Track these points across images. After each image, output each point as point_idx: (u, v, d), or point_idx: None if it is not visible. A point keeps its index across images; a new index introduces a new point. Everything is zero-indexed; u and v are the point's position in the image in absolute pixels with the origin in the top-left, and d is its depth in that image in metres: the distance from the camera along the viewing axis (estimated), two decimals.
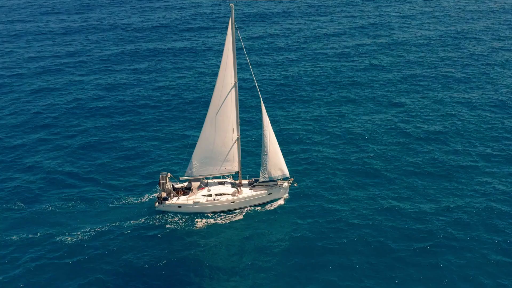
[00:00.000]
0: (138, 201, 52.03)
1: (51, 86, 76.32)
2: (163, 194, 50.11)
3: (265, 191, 51.71)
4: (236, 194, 50.92)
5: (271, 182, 51.89)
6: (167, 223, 49.53)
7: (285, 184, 52.30)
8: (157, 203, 50.24)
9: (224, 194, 51.00)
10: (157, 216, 50.24)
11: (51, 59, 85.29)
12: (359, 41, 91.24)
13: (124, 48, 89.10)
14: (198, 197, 50.67)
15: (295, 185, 52.93)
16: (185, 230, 48.91)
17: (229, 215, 50.59)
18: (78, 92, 74.01)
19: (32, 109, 70.13)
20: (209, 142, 49.69)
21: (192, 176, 51.37)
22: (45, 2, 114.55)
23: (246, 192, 51.49)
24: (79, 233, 48.11)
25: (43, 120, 67.50)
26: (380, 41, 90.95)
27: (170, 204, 50.07)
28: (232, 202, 50.82)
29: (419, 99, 71.68)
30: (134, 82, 77.40)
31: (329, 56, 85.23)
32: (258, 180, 52.17)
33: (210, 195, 50.84)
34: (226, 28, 46.35)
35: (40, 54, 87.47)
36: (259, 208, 51.70)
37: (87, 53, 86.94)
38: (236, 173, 52.57)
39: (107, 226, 48.90)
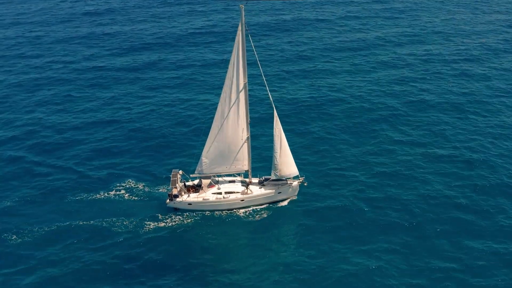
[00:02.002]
0: (148, 197, 53.19)
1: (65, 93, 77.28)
2: (174, 191, 51.08)
3: (275, 190, 52.23)
4: (246, 193, 51.57)
5: (281, 181, 52.40)
6: (176, 220, 50.40)
7: (295, 183, 52.73)
8: (168, 200, 51.27)
9: (233, 192, 51.70)
10: (167, 213, 51.16)
11: (60, 67, 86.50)
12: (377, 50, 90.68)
13: (134, 54, 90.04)
14: (208, 195, 51.47)
15: (305, 184, 53.27)
16: (193, 226, 49.65)
17: (238, 213, 51.24)
18: (91, 102, 74.78)
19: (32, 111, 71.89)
20: (218, 141, 50.37)
21: (202, 174, 52.20)
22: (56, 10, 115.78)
23: (256, 190, 52.09)
24: (87, 225, 49.33)
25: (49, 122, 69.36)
26: (404, 51, 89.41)
27: (180, 201, 51.02)
28: (241, 201, 51.49)
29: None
30: (140, 88, 78.14)
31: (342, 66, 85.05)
32: (268, 178, 52.73)
33: (220, 193, 51.60)
34: (234, 37, 46.87)
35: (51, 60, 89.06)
36: (268, 206, 52.25)
37: (95, 61, 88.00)
38: (246, 171, 53.20)
39: (115, 221, 50.00)
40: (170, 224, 49.83)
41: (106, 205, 52.01)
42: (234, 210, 51.59)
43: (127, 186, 54.45)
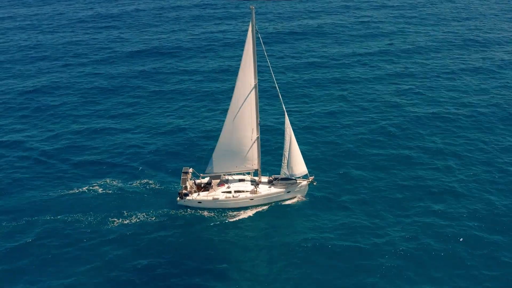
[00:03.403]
0: (160, 194, 54.03)
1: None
2: (184, 190, 51.80)
3: (284, 189, 52.68)
4: (255, 192, 52.08)
5: (290, 181, 52.81)
6: (186, 217, 51.13)
7: (304, 182, 53.11)
8: (178, 198, 52.02)
9: (243, 191, 52.25)
10: (178, 210, 51.94)
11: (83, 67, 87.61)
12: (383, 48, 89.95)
13: (143, 48, 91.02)
14: (218, 194, 52.09)
15: (314, 184, 53.63)
16: (203, 224, 50.35)
17: (247, 212, 51.78)
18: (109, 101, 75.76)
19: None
20: (229, 141, 50.86)
21: (212, 173, 52.78)
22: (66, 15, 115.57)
23: (265, 189, 52.58)
24: (98, 218, 50.52)
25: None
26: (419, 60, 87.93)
27: (190, 200, 51.75)
28: (250, 200, 52.03)
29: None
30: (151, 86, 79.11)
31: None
32: (278, 177, 53.14)
33: (230, 192, 52.20)
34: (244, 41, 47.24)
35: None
36: (277, 205, 52.73)
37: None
38: (256, 170, 53.67)
39: (126, 214, 51.13)
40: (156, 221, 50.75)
41: (92, 201, 53.24)
42: (244, 208, 52.14)
43: (102, 183, 55.73)
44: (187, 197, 51.55)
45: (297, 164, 52.04)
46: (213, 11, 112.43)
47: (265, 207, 52.41)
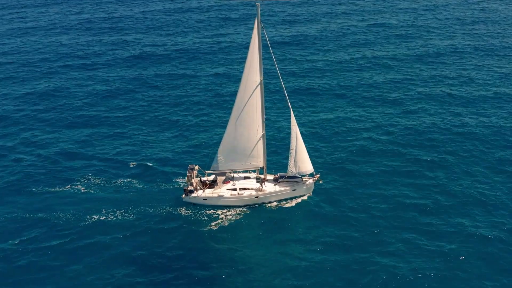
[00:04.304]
0: (165, 190, 54.15)
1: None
2: (190, 187, 51.83)
3: (289, 187, 52.52)
4: (260, 189, 51.97)
5: (296, 179, 52.62)
6: (187, 215, 51.11)
7: (310, 180, 52.92)
8: (184, 195, 52.07)
9: (248, 189, 52.17)
10: (182, 207, 51.97)
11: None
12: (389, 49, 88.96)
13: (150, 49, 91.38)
14: (223, 191, 52.06)
15: (320, 182, 53.44)
16: (207, 222, 50.29)
17: (252, 210, 51.67)
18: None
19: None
20: (234, 138, 50.83)
21: (217, 170, 52.77)
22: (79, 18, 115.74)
23: (271, 187, 52.45)
24: (104, 215, 50.67)
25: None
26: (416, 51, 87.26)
27: (196, 197, 51.77)
28: (256, 197, 51.94)
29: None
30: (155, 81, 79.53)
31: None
32: (283, 176, 53.01)
33: (235, 189, 52.14)
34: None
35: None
36: (282, 203, 52.58)
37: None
38: (262, 168, 53.58)
39: (130, 210, 51.33)
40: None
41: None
42: (249, 206, 52.06)
43: (103, 181, 55.90)
44: (192, 194, 51.60)
45: (304, 162, 51.90)
46: (218, 13, 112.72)
47: (269, 205, 52.26)
